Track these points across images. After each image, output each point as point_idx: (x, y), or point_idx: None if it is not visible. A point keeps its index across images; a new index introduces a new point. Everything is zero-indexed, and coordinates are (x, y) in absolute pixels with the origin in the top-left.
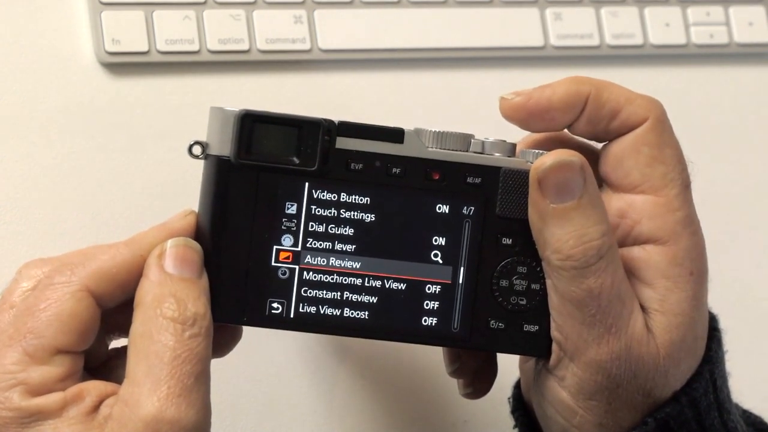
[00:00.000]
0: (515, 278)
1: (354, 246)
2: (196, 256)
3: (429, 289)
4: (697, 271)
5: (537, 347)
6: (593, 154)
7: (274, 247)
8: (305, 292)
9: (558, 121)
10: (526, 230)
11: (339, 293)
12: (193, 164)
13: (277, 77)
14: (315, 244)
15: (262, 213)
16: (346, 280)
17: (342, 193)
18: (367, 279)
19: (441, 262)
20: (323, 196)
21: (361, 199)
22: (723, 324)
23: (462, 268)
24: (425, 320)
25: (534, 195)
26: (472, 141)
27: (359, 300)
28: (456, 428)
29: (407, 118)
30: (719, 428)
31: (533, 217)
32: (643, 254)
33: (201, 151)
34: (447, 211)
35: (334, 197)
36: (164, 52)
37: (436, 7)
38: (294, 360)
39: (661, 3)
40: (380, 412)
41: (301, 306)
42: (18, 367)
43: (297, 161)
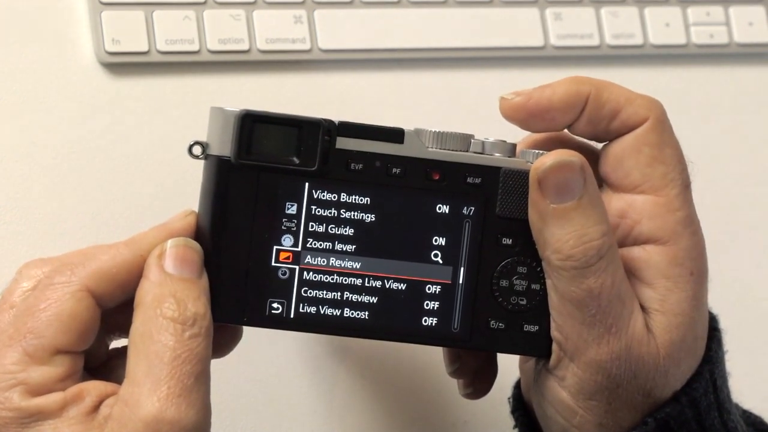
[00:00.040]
0: (515, 278)
1: (354, 246)
2: (196, 256)
3: (429, 289)
4: (697, 271)
5: (537, 347)
6: (593, 154)
7: (274, 247)
8: (305, 292)
9: (558, 121)
10: (526, 230)
11: (339, 293)
12: (193, 164)
13: (277, 77)
14: (315, 244)
15: (262, 213)
16: (346, 280)
17: (342, 193)
18: (367, 279)
19: (441, 262)
20: (323, 196)
21: (362, 200)
22: (723, 324)
23: (462, 268)
24: (425, 320)
25: (534, 195)
26: (472, 141)
27: (359, 300)
28: (456, 428)
29: (407, 118)
30: (719, 428)
31: (533, 217)
32: (643, 254)
33: (201, 151)
34: (447, 212)
35: (334, 197)
36: (164, 52)
37: (436, 7)
38: (294, 360)
39: (661, 3)
40: (380, 412)
41: (301, 306)
42: (18, 367)
43: (297, 161)
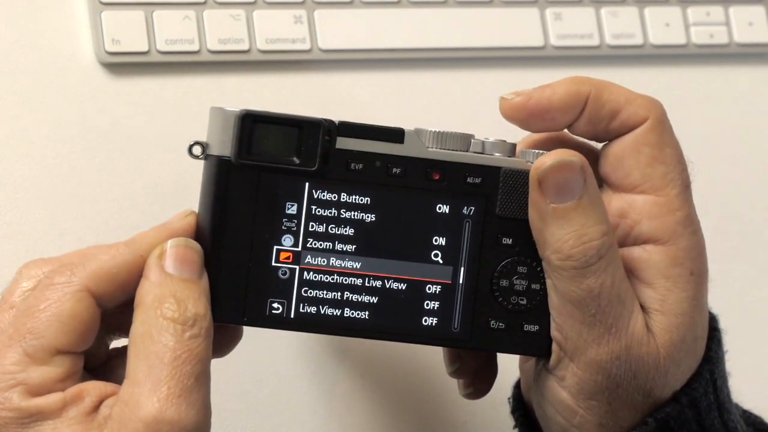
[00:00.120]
0: (515, 278)
1: (354, 246)
2: (197, 257)
3: (429, 289)
4: (697, 271)
5: (537, 347)
6: (593, 154)
7: (275, 247)
8: (305, 292)
9: (558, 121)
10: (526, 230)
11: (339, 293)
12: (193, 164)
13: (277, 77)
14: (315, 244)
15: (263, 213)
16: (346, 280)
17: (342, 193)
18: (367, 279)
19: (441, 262)
20: (323, 196)
21: (362, 199)
22: (723, 324)
23: (462, 268)
24: (425, 320)
25: (534, 195)
26: (473, 141)
27: (359, 300)
28: (456, 428)
29: (407, 118)
30: (719, 428)
31: (533, 217)
32: (643, 254)
33: (201, 151)
34: (447, 211)
35: (335, 197)
36: (164, 52)
37: (436, 7)
38: (294, 360)
39: (661, 3)
40: (380, 412)
41: (301, 306)
42: (18, 368)
43: (297, 161)
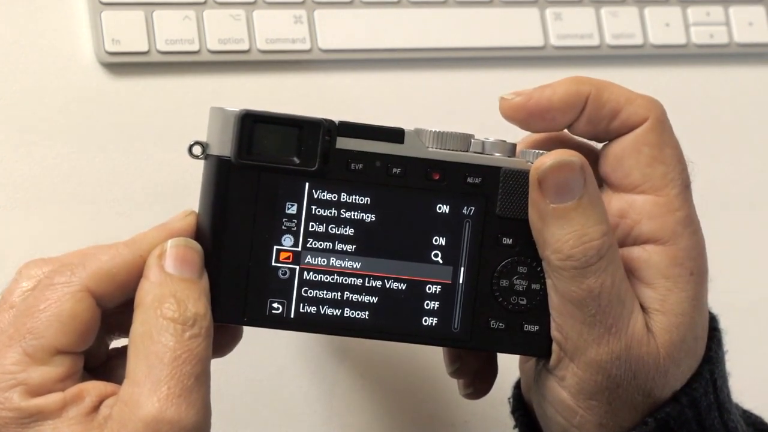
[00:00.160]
0: (515, 278)
1: (354, 246)
2: (197, 257)
3: (429, 289)
4: (697, 271)
5: (537, 347)
6: (593, 154)
7: (275, 247)
8: (305, 292)
9: (558, 121)
10: (526, 230)
11: (339, 293)
12: (193, 164)
13: (277, 77)
14: (315, 244)
15: (263, 213)
16: (346, 280)
17: (342, 193)
18: (367, 279)
19: (441, 262)
20: (323, 196)
21: (362, 199)
22: (723, 324)
23: (462, 268)
24: (425, 320)
25: (534, 195)
26: (473, 141)
27: (359, 300)
28: (456, 428)
29: (407, 118)
30: (719, 428)
31: (533, 217)
32: (643, 254)
33: (201, 151)
34: (447, 211)
35: (335, 197)
36: (164, 52)
37: (436, 7)
38: (294, 360)
39: (661, 3)
40: (380, 412)
41: (301, 306)
42: (18, 368)
43: (297, 161)
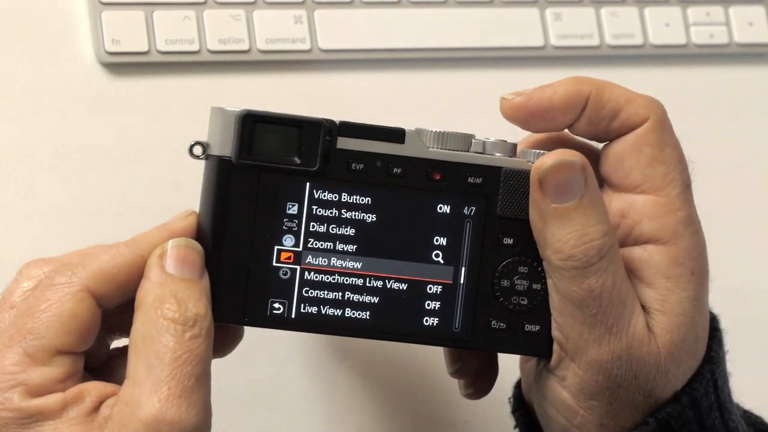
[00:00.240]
0: (516, 278)
1: (355, 246)
2: (197, 257)
3: (430, 289)
4: (698, 271)
5: (538, 347)
6: (594, 154)
7: (275, 248)
8: (306, 292)
9: (558, 121)
10: (527, 230)
11: (340, 293)
12: (193, 164)
13: (277, 77)
14: (316, 244)
15: (263, 213)
16: (347, 280)
17: (343, 193)
18: (368, 279)
19: (442, 262)
20: (324, 196)
21: (362, 200)
22: (723, 324)
23: (463, 268)
24: (426, 320)
25: (535, 195)
26: (473, 141)
27: (360, 300)
28: (456, 428)
29: (407, 118)
30: (720, 428)
31: (534, 217)
32: (644, 254)
33: (202, 151)
34: (448, 211)
35: (335, 197)
36: (164, 52)
37: (436, 7)
38: (294, 360)
39: (661, 3)
40: (380, 412)
41: (302, 306)
42: (18, 368)
43: (298, 161)
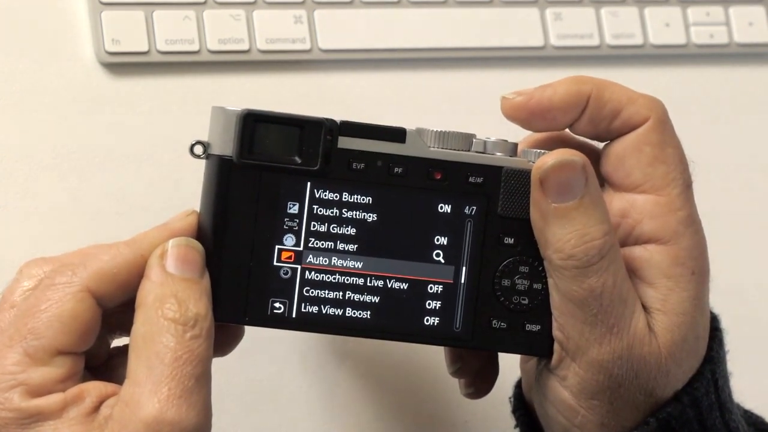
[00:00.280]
0: (517, 278)
1: (356, 246)
2: (198, 256)
3: (431, 288)
4: (698, 270)
5: (539, 347)
6: (595, 153)
7: (276, 247)
8: (307, 291)
9: (559, 121)
10: (527, 230)
11: (341, 293)
12: (194, 164)
13: (277, 77)
14: (317, 243)
15: (264, 212)
16: (348, 279)
17: (344, 193)
18: (369, 279)
19: (443, 261)
20: (325, 195)
21: (363, 199)
22: (724, 324)
23: (464, 268)
24: (427, 320)
25: (536, 194)
26: (474, 141)
27: (361, 300)
28: (456, 428)
29: (407, 119)
30: (721, 428)
31: (535, 217)
32: (644, 254)
33: (202, 150)
34: (449, 211)
35: (336, 197)
36: (164, 52)
37: (436, 7)
38: (295, 360)
39: (661, 3)
40: (381, 412)
41: (303, 306)
42: (18, 368)
43: (299, 161)
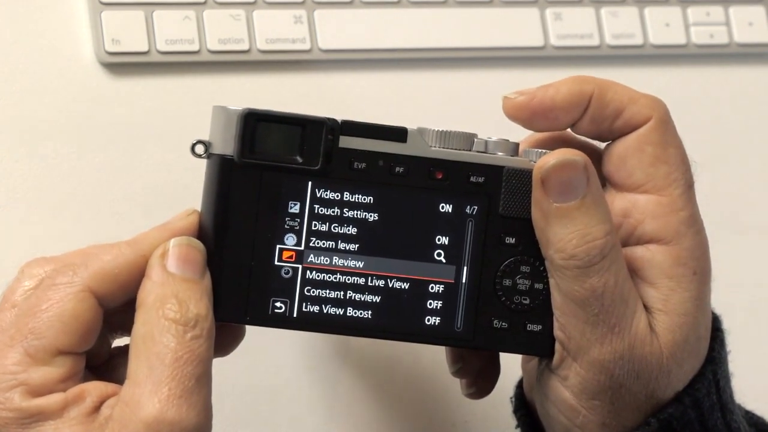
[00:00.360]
0: (518, 277)
1: (357, 245)
2: (199, 256)
3: (432, 288)
4: (700, 270)
5: (540, 347)
6: (596, 153)
7: (277, 247)
8: (308, 291)
9: (561, 121)
10: (529, 229)
11: (342, 292)
12: (194, 164)
13: (277, 77)
14: (318, 243)
15: (265, 212)
16: (349, 279)
17: (345, 193)
18: (370, 278)
19: (444, 261)
20: (326, 195)
21: (365, 199)
22: (726, 324)
23: (465, 268)
24: (428, 320)
25: (537, 194)
26: (475, 140)
27: (362, 299)
28: (456, 428)
29: (407, 119)
30: (722, 429)
31: (536, 217)
32: (646, 254)
33: (204, 150)
34: (450, 211)
35: (338, 196)
36: (164, 52)
37: (436, 7)
38: (296, 359)
39: (661, 3)
40: (381, 411)
41: (304, 305)
42: (19, 368)
43: (300, 160)
